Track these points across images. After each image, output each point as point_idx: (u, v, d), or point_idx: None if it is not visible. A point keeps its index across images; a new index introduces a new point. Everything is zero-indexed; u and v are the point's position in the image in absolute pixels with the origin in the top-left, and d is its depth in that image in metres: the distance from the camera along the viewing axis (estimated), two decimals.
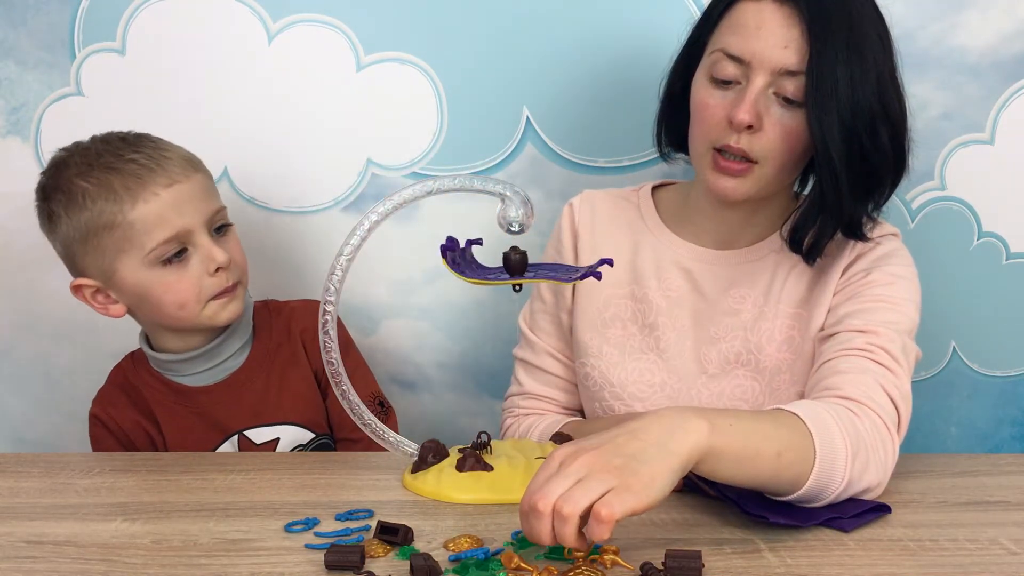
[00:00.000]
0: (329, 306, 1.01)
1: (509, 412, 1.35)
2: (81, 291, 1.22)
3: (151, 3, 1.46)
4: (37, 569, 0.81)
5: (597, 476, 0.80)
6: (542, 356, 1.32)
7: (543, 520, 0.80)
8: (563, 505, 0.79)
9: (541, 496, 0.80)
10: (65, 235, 1.19)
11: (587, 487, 0.79)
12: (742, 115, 1.09)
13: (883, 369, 1.07)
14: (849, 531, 0.92)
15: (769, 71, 1.09)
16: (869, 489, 0.99)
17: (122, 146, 1.20)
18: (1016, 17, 1.48)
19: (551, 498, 0.80)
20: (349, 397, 1.05)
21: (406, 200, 0.99)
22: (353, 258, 1.00)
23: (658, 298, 1.25)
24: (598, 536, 0.78)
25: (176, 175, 1.19)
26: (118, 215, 1.16)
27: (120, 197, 1.16)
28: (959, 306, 1.54)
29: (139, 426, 1.28)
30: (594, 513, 0.78)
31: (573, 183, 1.50)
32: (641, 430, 0.85)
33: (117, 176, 1.17)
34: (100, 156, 1.19)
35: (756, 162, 1.12)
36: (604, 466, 0.81)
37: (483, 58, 1.49)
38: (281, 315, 1.34)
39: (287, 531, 0.90)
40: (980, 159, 1.51)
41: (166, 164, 1.19)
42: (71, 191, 1.18)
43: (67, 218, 1.18)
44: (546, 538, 0.80)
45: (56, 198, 1.19)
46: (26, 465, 1.10)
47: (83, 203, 1.17)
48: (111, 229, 1.16)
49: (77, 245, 1.19)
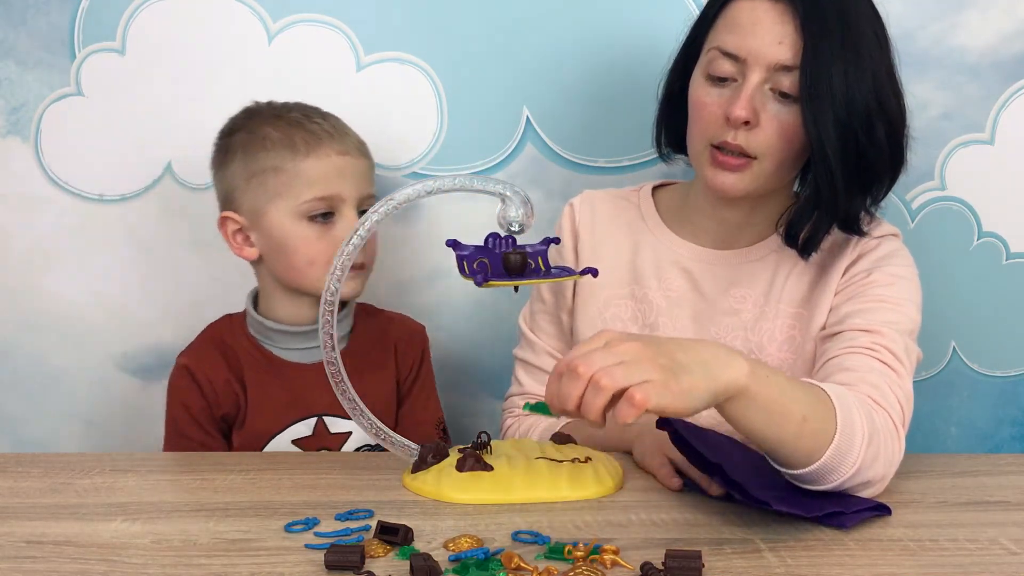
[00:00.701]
0: (329, 306, 1.01)
1: (509, 412, 1.35)
2: (226, 224, 1.30)
3: (151, 3, 1.46)
4: (37, 569, 0.81)
5: (641, 364, 0.82)
6: (542, 356, 1.32)
7: (577, 384, 0.81)
8: (602, 376, 0.81)
9: (583, 362, 0.82)
10: (234, 171, 1.28)
11: (630, 369, 0.81)
12: (738, 111, 1.09)
13: (887, 369, 1.07)
14: (848, 528, 0.92)
15: (765, 67, 1.09)
16: (872, 482, 0.98)
17: (311, 111, 1.30)
18: (1016, 17, 1.48)
19: (593, 367, 0.81)
20: (349, 396, 1.05)
21: (406, 200, 0.99)
22: (353, 258, 1.00)
23: (658, 298, 1.25)
24: (623, 416, 0.80)
25: (349, 149, 1.28)
26: (288, 162, 1.24)
27: (297, 148, 1.25)
28: (959, 306, 1.54)
29: (229, 385, 1.30)
30: (628, 395, 0.80)
31: (573, 183, 1.50)
32: (689, 347, 0.87)
33: (300, 131, 1.26)
34: (290, 111, 1.29)
35: (754, 158, 1.12)
36: (650, 359, 0.83)
37: (483, 58, 1.49)
38: (378, 320, 1.40)
39: (287, 531, 0.90)
40: (980, 159, 1.51)
41: (343, 137, 1.29)
42: (255, 133, 1.27)
43: (242, 155, 1.27)
44: (571, 402, 0.82)
45: (238, 137, 1.28)
46: (26, 465, 1.10)
47: (263, 145, 1.26)
48: (277, 173, 1.25)
49: (241, 181, 1.27)
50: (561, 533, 0.90)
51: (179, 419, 1.30)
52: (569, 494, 1.00)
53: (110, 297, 1.52)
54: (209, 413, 1.30)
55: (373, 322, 1.39)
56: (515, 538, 0.89)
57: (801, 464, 0.94)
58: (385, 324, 1.40)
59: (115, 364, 1.53)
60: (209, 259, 1.51)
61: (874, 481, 0.99)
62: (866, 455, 0.95)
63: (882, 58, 1.12)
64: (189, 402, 1.30)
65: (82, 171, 1.49)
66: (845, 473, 0.95)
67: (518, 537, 0.89)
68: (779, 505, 0.90)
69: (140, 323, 1.53)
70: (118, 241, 1.51)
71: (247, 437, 1.30)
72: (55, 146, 1.48)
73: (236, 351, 1.32)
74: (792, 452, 0.93)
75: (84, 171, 1.49)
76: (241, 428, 1.30)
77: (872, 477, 0.98)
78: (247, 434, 1.30)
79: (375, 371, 1.35)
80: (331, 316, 1.01)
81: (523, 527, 0.92)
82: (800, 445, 0.93)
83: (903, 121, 1.14)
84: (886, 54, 1.13)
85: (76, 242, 1.50)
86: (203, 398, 1.30)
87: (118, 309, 1.52)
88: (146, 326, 1.53)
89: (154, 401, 1.54)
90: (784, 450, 0.93)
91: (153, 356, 1.54)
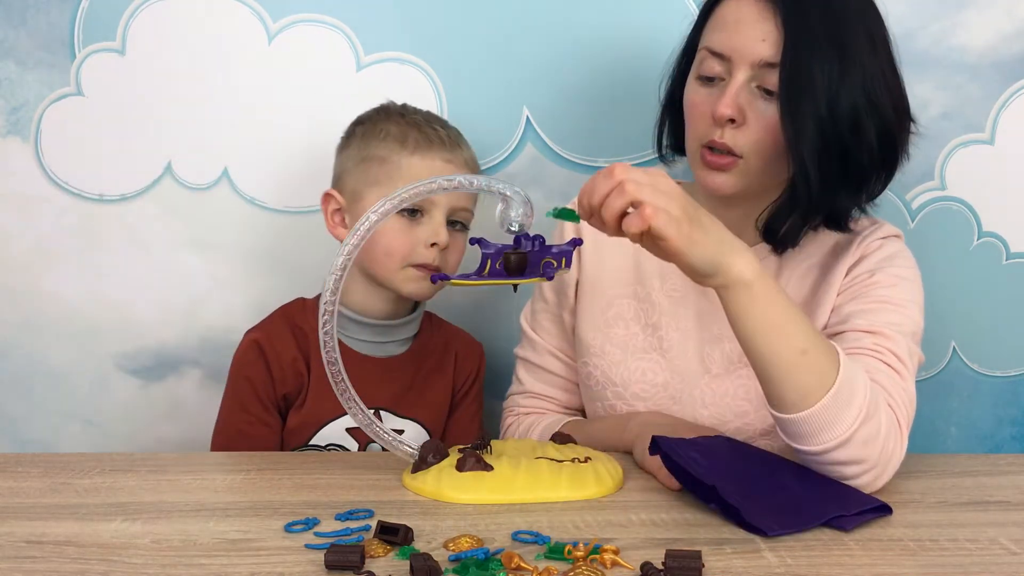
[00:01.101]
0: (329, 306, 1.01)
1: (510, 411, 1.35)
2: (328, 202, 1.35)
3: (151, 3, 1.46)
4: (37, 569, 0.81)
5: (670, 196, 0.93)
6: (543, 355, 1.32)
7: (608, 182, 0.93)
8: (630, 184, 0.92)
9: (622, 169, 0.93)
10: (349, 155, 1.34)
11: (657, 193, 0.92)
12: (723, 109, 1.10)
13: (891, 370, 1.07)
14: (849, 530, 0.92)
15: (749, 64, 1.10)
16: (865, 462, 0.99)
17: (433, 118, 1.37)
18: (1016, 17, 1.48)
19: (628, 175, 0.92)
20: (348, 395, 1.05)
21: (406, 200, 0.99)
22: (353, 258, 1.00)
23: (661, 298, 1.25)
24: (631, 225, 0.91)
25: (456, 160, 1.33)
26: (395, 155, 1.30)
27: (407, 144, 1.31)
28: (959, 306, 1.54)
29: (296, 364, 1.32)
30: (641, 207, 0.91)
31: (573, 183, 1.50)
32: (718, 224, 0.98)
33: (415, 131, 1.32)
34: (414, 114, 1.35)
35: (741, 156, 1.12)
36: (679, 198, 0.94)
37: (483, 58, 1.49)
38: (441, 330, 1.44)
39: (287, 531, 0.90)
40: (980, 159, 1.51)
41: (455, 148, 1.34)
42: (376, 125, 1.33)
43: (360, 141, 1.33)
44: (597, 196, 0.93)
45: (363, 127, 1.35)
46: (26, 465, 1.10)
47: (379, 136, 1.32)
48: (383, 163, 1.30)
49: (352, 163, 1.33)
50: (561, 533, 0.90)
51: (241, 391, 1.31)
52: (569, 494, 1.00)
53: (110, 297, 1.52)
54: (272, 390, 1.31)
55: (438, 330, 1.43)
56: (515, 538, 0.89)
57: (794, 406, 0.95)
58: (448, 335, 1.44)
59: (115, 364, 1.53)
60: (209, 259, 1.51)
61: (867, 463, 0.99)
62: (860, 431, 0.96)
63: (875, 56, 1.11)
64: (254, 376, 1.31)
65: (82, 171, 1.49)
66: (838, 435, 0.95)
67: (518, 537, 0.89)
68: (776, 530, 0.90)
69: (140, 323, 1.53)
70: (118, 241, 1.51)
71: (304, 418, 1.31)
72: (55, 146, 1.48)
73: (307, 333, 1.34)
74: (786, 383, 0.95)
75: (84, 171, 1.49)
76: (300, 409, 1.32)
77: (865, 456, 0.98)
78: (305, 415, 1.31)
79: (435, 375, 1.39)
80: (331, 316, 1.01)
81: (523, 527, 0.92)
82: (796, 378, 0.95)
83: (902, 120, 1.13)
84: (882, 52, 1.12)
85: (76, 242, 1.50)
86: (268, 374, 1.31)
87: (118, 309, 1.52)
88: (146, 326, 1.53)
89: (154, 401, 1.55)
90: (778, 376, 0.96)
91: (153, 356, 1.54)
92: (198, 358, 1.51)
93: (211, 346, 1.51)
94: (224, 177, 1.50)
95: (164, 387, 1.54)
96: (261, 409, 1.31)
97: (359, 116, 1.37)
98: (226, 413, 1.33)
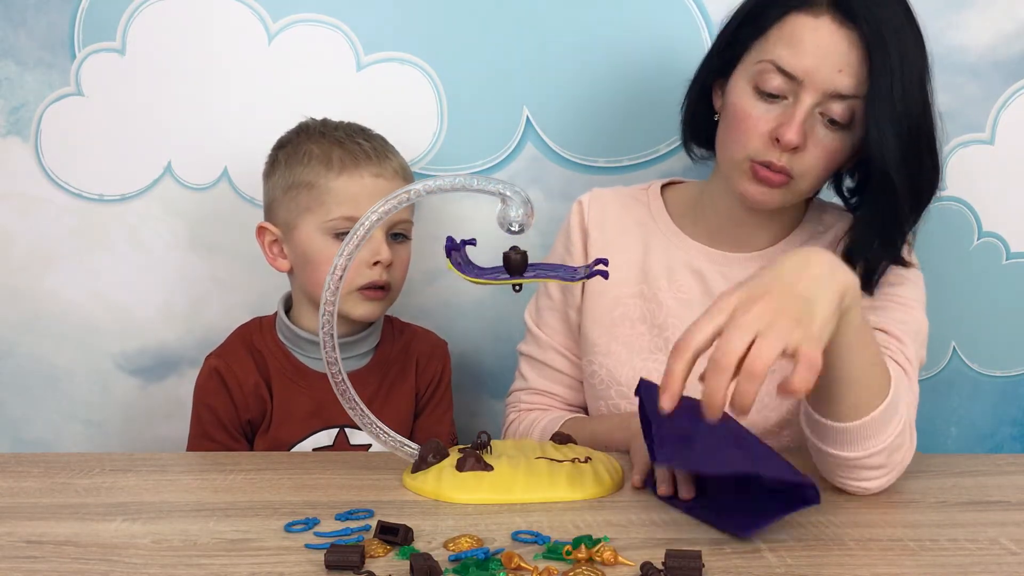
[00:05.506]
0: (329, 306, 1.01)
1: (513, 407, 1.35)
2: (262, 234, 1.34)
3: (151, 3, 1.46)
4: (37, 569, 0.81)
5: (778, 327, 0.79)
6: (547, 352, 1.32)
7: (723, 376, 0.78)
8: (755, 362, 0.77)
9: (723, 353, 0.78)
10: (275, 182, 1.32)
11: (770, 342, 0.78)
12: (791, 136, 1.08)
13: (900, 370, 1.07)
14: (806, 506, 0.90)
15: (820, 92, 1.08)
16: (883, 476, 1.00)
17: (357, 131, 1.33)
18: (1016, 17, 1.48)
19: (734, 354, 0.78)
20: (349, 396, 1.05)
21: (405, 200, 0.99)
22: (353, 258, 1.00)
23: (668, 299, 1.25)
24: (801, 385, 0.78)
25: (385, 172, 1.30)
26: (321, 178, 1.27)
27: (332, 165, 1.28)
28: (959, 306, 1.54)
29: (258, 390, 1.31)
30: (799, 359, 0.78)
31: (573, 183, 1.50)
32: (800, 266, 0.86)
33: (338, 149, 1.29)
34: (336, 131, 1.32)
35: (792, 177, 1.12)
36: (781, 312, 0.80)
37: (483, 58, 1.49)
38: (403, 335, 1.42)
39: (287, 531, 0.90)
40: (980, 159, 1.51)
41: (383, 160, 1.30)
42: (298, 147, 1.30)
43: (284, 168, 1.30)
44: (721, 396, 0.78)
45: (285, 150, 1.32)
46: (26, 465, 1.10)
47: (302, 160, 1.29)
48: (311, 188, 1.28)
49: (280, 193, 1.31)
50: (561, 533, 0.90)
51: (205, 420, 1.31)
52: (569, 494, 1.00)
53: (110, 297, 1.52)
54: (235, 416, 1.31)
55: (399, 336, 1.41)
56: (515, 538, 0.89)
57: (848, 415, 0.94)
58: (409, 339, 1.42)
59: (115, 364, 1.53)
60: (209, 259, 1.52)
61: (888, 467, 0.99)
62: (898, 436, 0.97)
63: (928, 78, 1.10)
64: (216, 405, 1.30)
65: (82, 171, 1.49)
66: (881, 443, 0.95)
67: (518, 537, 0.89)
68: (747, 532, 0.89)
69: (140, 323, 1.53)
70: (118, 241, 1.51)
71: (270, 443, 1.31)
72: (55, 146, 1.48)
73: (265, 356, 1.33)
74: (849, 394, 0.94)
75: (84, 171, 1.49)
76: (265, 433, 1.31)
77: (892, 462, 0.99)
78: (270, 440, 1.31)
79: (398, 383, 1.37)
80: (331, 317, 1.01)
81: (523, 527, 0.92)
82: (860, 390, 0.93)
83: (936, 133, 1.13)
84: (927, 69, 1.11)
85: (76, 242, 1.50)
86: (231, 402, 1.31)
87: (118, 309, 1.52)
88: (146, 326, 1.53)
89: (154, 401, 1.55)
90: (845, 387, 0.93)
91: (153, 356, 1.54)
92: (198, 358, 1.51)
93: (211, 346, 1.51)
94: (224, 177, 1.50)
95: (164, 387, 1.54)
96: (226, 436, 1.30)
97: (279, 139, 1.35)
98: (194, 442, 1.32)
